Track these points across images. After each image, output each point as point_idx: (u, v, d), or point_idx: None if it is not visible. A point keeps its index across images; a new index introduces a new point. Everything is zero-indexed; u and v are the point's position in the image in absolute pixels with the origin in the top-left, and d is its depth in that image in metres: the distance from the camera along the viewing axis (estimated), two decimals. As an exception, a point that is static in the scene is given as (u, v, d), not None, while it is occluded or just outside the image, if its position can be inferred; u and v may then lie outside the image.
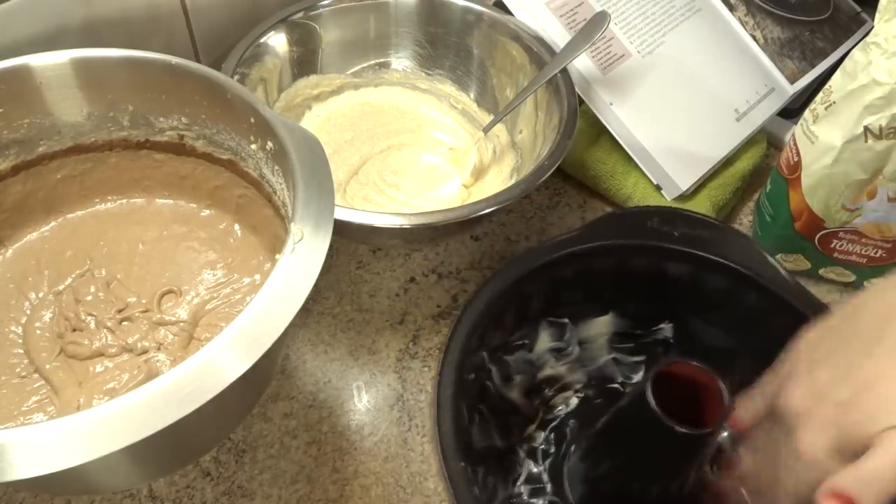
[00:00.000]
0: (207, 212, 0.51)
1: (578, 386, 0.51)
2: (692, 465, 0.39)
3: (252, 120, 0.43)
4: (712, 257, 0.48)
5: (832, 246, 0.57)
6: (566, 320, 0.50)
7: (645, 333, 0.51)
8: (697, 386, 0.38)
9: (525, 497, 0.46)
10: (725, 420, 0.36)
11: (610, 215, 0.52)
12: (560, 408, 0.50)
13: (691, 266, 0.48)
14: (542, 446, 0.48)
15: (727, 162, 0.63)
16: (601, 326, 0.51)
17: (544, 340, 0.50)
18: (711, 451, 0.40)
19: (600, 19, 0.57)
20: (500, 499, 0.45)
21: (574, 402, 0.50)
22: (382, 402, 0.51)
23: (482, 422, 0.46)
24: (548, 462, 0.47)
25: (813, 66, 0.70)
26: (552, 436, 0.48)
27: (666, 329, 0.50)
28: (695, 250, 0.48)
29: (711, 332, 0.49)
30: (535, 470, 0.47)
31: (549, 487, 0.46)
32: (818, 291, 0.55)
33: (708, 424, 0.36)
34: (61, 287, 0.47)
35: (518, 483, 0.46)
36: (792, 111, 0.70)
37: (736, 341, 0.48)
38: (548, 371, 0.50)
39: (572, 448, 0.47)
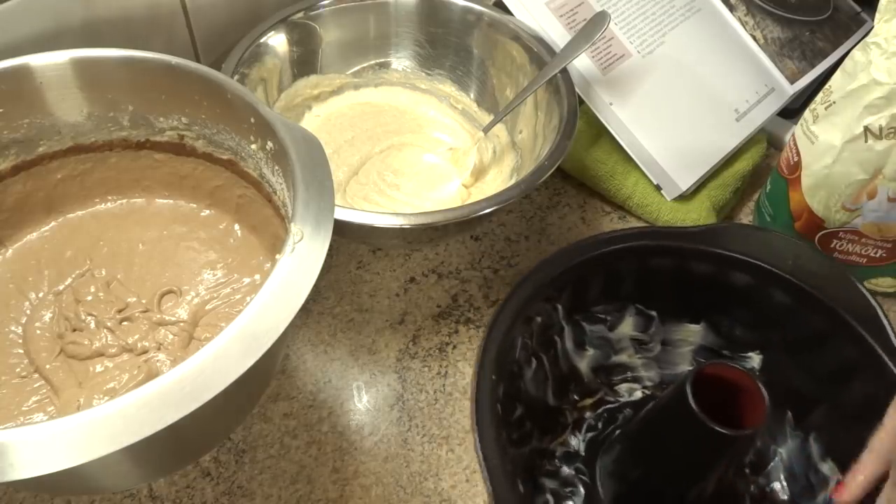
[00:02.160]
0: (207, 212, 0.51)
1: (649, 384, 0.51)
2: (725, 468, 0.39)
3: (252, 120, 0.43)
4: (818, 296, 0.45)
5: (832, 246, 0.57)
6: (654, 314, 0.49)
7: (732, 357, 0.49)
8: (737, 389, 0.38)
9: (557, 456, 0.46)
10: (765, 422, 0.36)
11: (736, 225, 0.49)
12: (622, 395, 0.50)
13: (794, 300, 0.46)
14: (590, 421, 0.48)
15: (727, 162, 0.63)
16: (689, 334, 0.50)
17: (627, 325, 0.50)
18: (748, 457, 0.40)
19: (600, 19, 0.57)
20: (533, 446, 0.46)
21: (638, 395, 0.50)
22: (382, 402, 0.51)
23: (539, 370, 0.46)
24: (589, 435, 0.48)
25: (813, 66, 0.70)
26: (604, 415, 0.49)
27: (754, 359, 0.49)
28: (802, 283, 0.45)
29: (800, 375, 0.46)
30: (573, 439, 0.47)
31: (581, 458, 0.47)
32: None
33: (746, 427, 0.36)
34: (61, 287, 0.47)
35: (554, 442, 0.47)
36: (792, 111, 0.70)
37: (822, 391, 0.45)
38: (623, 358, 0.51)
39: (616, 433, 0.47)
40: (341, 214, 0.45)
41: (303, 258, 0.35)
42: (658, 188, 0.61)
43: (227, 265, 0.49)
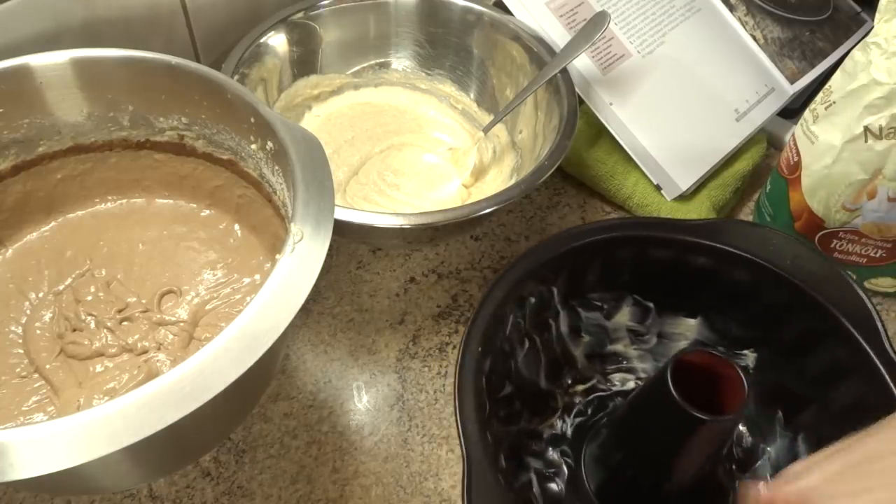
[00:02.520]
0: (207, 212, 0.51)
1: (643, 375, 0.51)
2: (705, 456, 0.39)
3: (252, 120, 0.43)
4: (815, 296, 0.44)
5: (832, 246, 0.57)
6: (651, 305, 0.49)
7: (727, 353, 0.48)
8: (718, 376, 0.38)
9: (544, 438, 0.47)
10: (744, 409, 0.36)
11: (736, 221, 0.49)
12: (615, 384, 0.50)
13: (791, 299, 0.45)
14: (580, 406, 0.48)
15: (727, 162, 0.63)
16: (686, 328, 0.50)
17: (624, 315, 0.50)
18: (736, 453, 0.40)
19: (600, 19, 0.57)
20: (521, 426, 0.46)
21: (631, 385, 0.50)
22: (382, 402, 0.51)
23: (532, 351, 0.47)
24: (578, 420, 0.48)
25: (813, 66, 0.70)
26: (594, 402, 0.49)
27: (749, 358, 0.49)
28: (799, 282, 0.45)
29: (793, 374, 0.46)
30: (562, 423, 0.48)
31: (568, 441, 0.47)
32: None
33: (726, 413, 0.36)
34: (61, 287, 0.47)
35: (543, 424, 0.47)
36: (792, 111, 0.70)
37: (814, 391, 0.45)
38: (619, 347, 0.51)
39: (603, 420, 0.47)
40: (341, 214, 0.45)
41: (303, 258, 0.35)
42: (658, 188, 0.61)
43: (227, 265, 0.49)
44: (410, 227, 0.47)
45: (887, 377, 0.41)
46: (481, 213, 0.47)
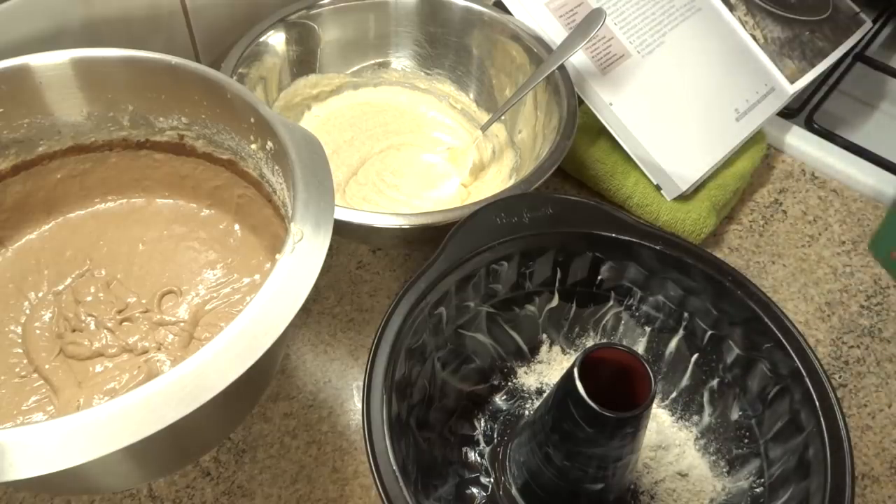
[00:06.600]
0: (207, 212, 0.51)
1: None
2: (622, 450, 0.39)
3: (252, 120, 0.43)
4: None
5: None
6: (573, 302, 0.49)
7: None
8: (626, 370, 0.37)
9: (466, 442, 0.46)
10: (650, 403, 0.36)
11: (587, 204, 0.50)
12: (537, 383, 0.49)
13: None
14: (502, 406, 0.48)
15: (727, 162, 0.63)
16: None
17: (546, 313, 0.49)
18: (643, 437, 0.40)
19: (596, 16, 0.57)
20: (440, 430, 0.45)
21: (551, 383, 0.49)
22: (382, 402, 0.50)
23: (451, 355, 0.46)
24: (500, 422, 0.47)
25: (813, 65, 0.70)
26: (517, 402, 0.48)
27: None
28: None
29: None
30: (485, 425, 0.47)
31: (492, 444, 0.46)
32: None
33: (637, 407, 0.36)
34: (61, 287, 0.47)
35: (465, 427, 0.47)
36: (792, 111, 0.70)
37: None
38: (542, 346, 0.50)
39: (523, 420, 0.47)
40: (341, 214, 0.45)
41: (303, 258, 0.35)
42: (658, 188, 0.61)
43: (227, 265, 0.49)
44: (410, 227, 0.47)
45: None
46: (481, 213, 0.47)
